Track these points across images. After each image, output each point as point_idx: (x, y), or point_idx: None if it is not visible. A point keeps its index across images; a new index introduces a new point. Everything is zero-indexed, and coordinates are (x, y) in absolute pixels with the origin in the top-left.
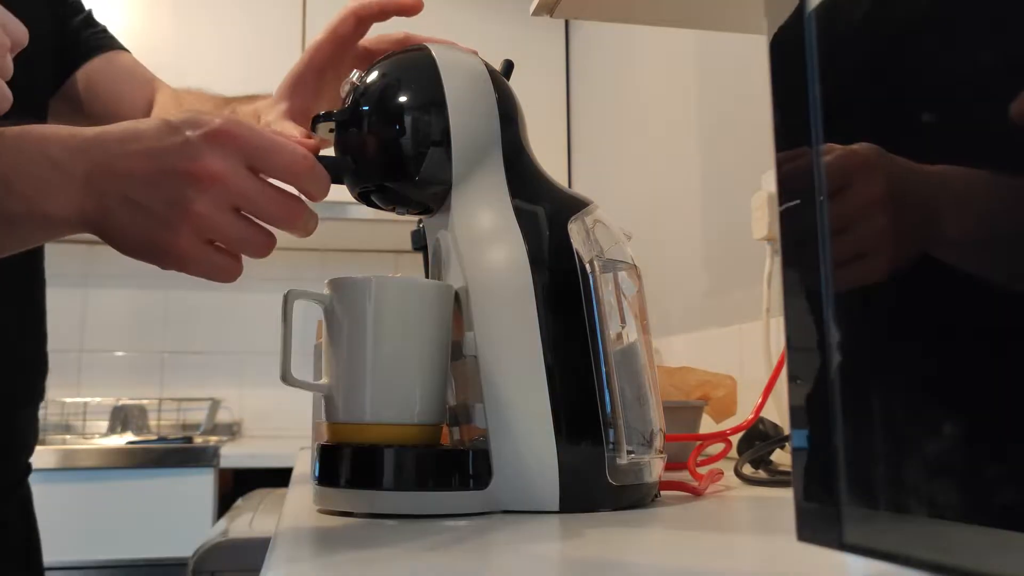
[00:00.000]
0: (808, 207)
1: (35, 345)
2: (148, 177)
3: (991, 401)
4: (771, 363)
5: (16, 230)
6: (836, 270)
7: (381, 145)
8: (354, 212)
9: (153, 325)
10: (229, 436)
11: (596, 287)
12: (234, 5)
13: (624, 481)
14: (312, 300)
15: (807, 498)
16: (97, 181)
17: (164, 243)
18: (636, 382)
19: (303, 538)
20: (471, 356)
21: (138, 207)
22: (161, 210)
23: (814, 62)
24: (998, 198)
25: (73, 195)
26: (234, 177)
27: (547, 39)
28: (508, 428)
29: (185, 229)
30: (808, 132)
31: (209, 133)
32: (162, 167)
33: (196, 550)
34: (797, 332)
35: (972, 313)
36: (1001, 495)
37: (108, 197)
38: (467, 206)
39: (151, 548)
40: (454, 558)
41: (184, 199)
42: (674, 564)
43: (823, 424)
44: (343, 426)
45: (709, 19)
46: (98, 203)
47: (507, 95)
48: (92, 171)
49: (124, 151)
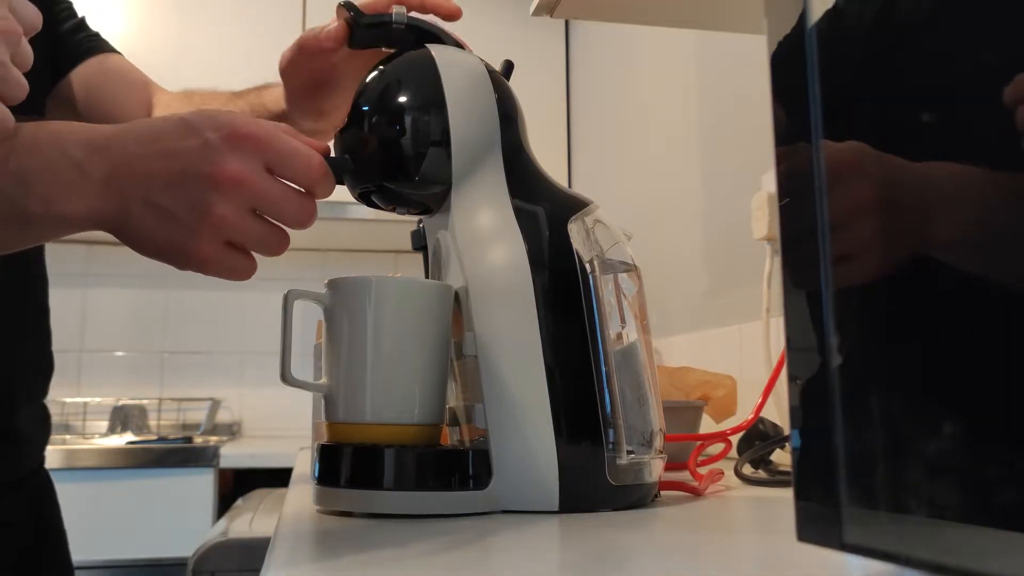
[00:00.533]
0: (808, 207)
1: (36, 344)
2: (169, 179)
3: (991, 401)
4: (771, 363)
5: (32, 229)
6: (836, 270)
7: (381, 145)
8: (354, 212)
9: (153, 325)
10: (229, 436)
11: (596, 287)
12: (234, 5)
13: (624, 481)
14: (312, 300)
15: (807, 498)
16: (117, 182)
17: (184, 247)
18: (636, 382)
19: (303, 538)
20: (471, 356)
21: (159, 210)
22: (183, 214)
23: (814, 62)
24: (998, 197)
25: (92, 197)
26: (255, 180)
27: (547, 39)
28: (508, 428)
29: (206, 233)
30: (808, 132)
31: (230, 135)
32: (183, 169)
33: (196, 550)
34: (797, 332)
35: (972, 313)
36: (1001, 495)
37: (129, 200)
38: (467, 206)
39: (151, 548)
40: (454, 558)
41: (205, 203)
42: (674, 564)
43: (823, 424)
44: (343, 426)
45: (709, 19)
46: (118, 205)
47: (507, 95)
48: (111, 172)
49: (143, 151)
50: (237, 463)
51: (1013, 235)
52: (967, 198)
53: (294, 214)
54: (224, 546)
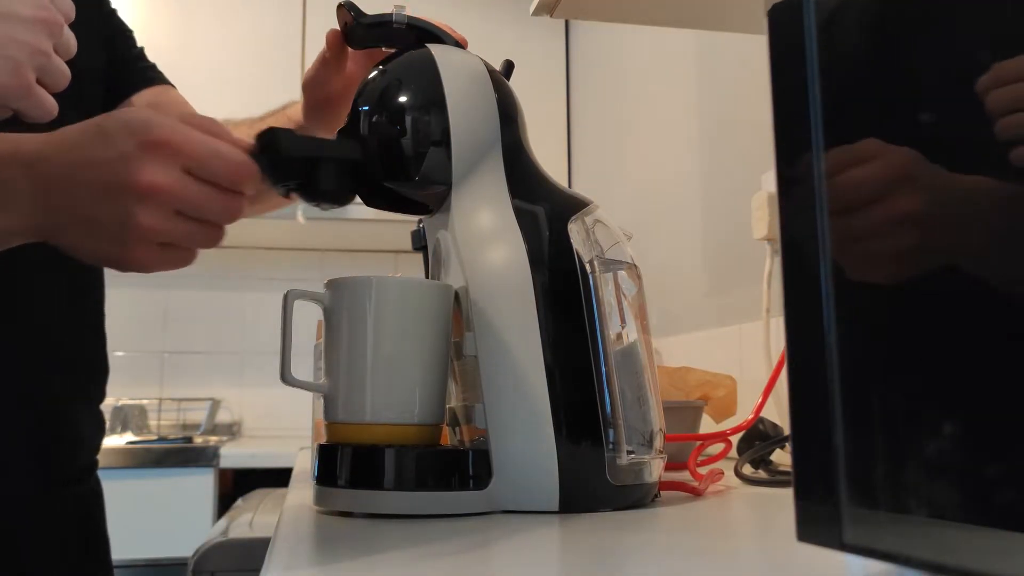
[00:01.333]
0: (808, 206)
1: (88, 344)
2: (92, 192)
3: (991, 401)
4: (771, 363)
5: None
6: (836, 269)
7: (381, 145)
8: (354, 212)
9: (153, 325)
10: (229, 436)
11: (596, 287)
12: (234, 5)
13: (624, 481)
14: (312, 300)
15: (807, 498)
16: (45, 197)
17: (118, 256)
18: (636, 382)
19: (303, 538)
20: (471, 356)
21: (88, 222)
22: (110, 225)
23: (814, 62)
24: (998, 199)
25: (25, 211)
26: (174, 186)
27: (547, 39)
28: (508, 428)
29: (135, 241)
30: (808, 132)
31: (145, 143)
32: (104, 180)
33: (196, 550)
34: (797, 332)
35: (972, 313)
36: (1001, 495)
37: (58, 213)
38: (467, 206)
39: (151, 548)
40: (454, 558)
41: (129, 213)
42: (674, 564)
43: (823, 424)
44: (343, 426)
45: (709, 19)
46: (51, 220)
47: (507, 95)
48: (39, 188)
49: (66, 163)
50: (237, 463)
51: (1013, 235)
52: (968, 198)
53: (218, 213)
54: (224, 546)
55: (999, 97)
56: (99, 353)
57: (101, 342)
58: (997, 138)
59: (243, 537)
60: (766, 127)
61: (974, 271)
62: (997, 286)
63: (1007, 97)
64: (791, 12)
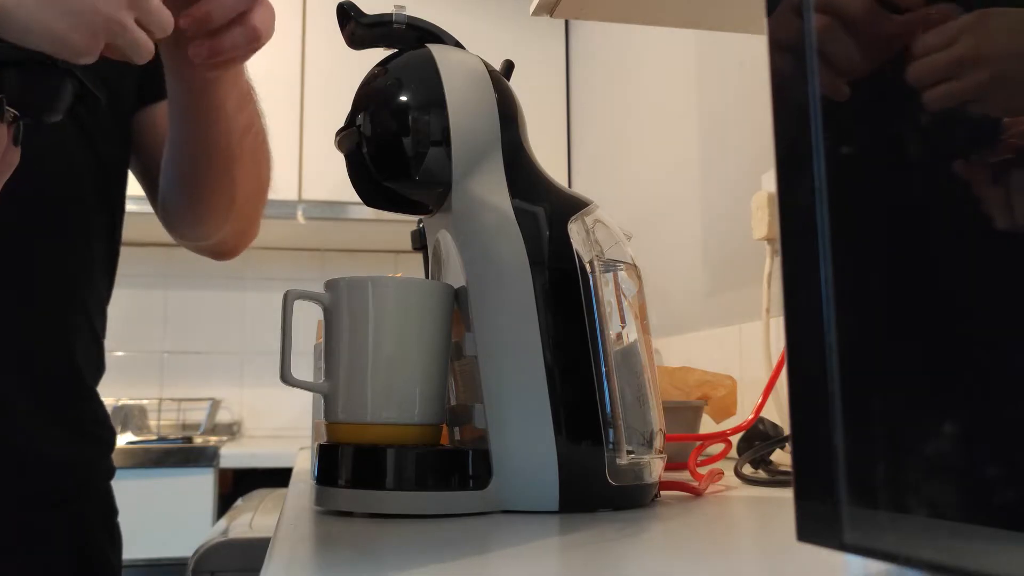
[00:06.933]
0: (808, 206)
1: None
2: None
3: (991, 401)
4: (771, 363)
5: None
6: (836, 269)
7: (381, 145)
8: (354, 212)
9: (153, 325)
10: (229, 436)
11: (596, 287)
12: None
13: (624, 481)
14: (312, 300)
15: (807, 498)
16: None
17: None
18: (636, 382)
19: (303, 538)
20: (471, 356)
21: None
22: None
23: (814, 62)
24: (998, 196)
25: None
26: None
27: (547, 39)
28: (508, 428)
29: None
30: (808, 132)
31: None
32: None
33: (196, 550)
34: (797, 332)
35: (972, 312)
36: (1001, 495)
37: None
38: (467, 206)
39: (151, 548)
40: (454, 558)
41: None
42: (674, 564)
43: (823, 424)
44: (343, 426)
45: (709, 19)
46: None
47: (507, 95)
48: None
49: None
50: (237, 463)
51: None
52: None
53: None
54: (224, 546)
55: (998, 97)
56: (99, 347)
57: (100, 336)
58: (1001, 136)
59: (243, 537)
60: (766, 127)
61: (976, 270)
62: (999, 285)
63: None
64: (791, 13)
